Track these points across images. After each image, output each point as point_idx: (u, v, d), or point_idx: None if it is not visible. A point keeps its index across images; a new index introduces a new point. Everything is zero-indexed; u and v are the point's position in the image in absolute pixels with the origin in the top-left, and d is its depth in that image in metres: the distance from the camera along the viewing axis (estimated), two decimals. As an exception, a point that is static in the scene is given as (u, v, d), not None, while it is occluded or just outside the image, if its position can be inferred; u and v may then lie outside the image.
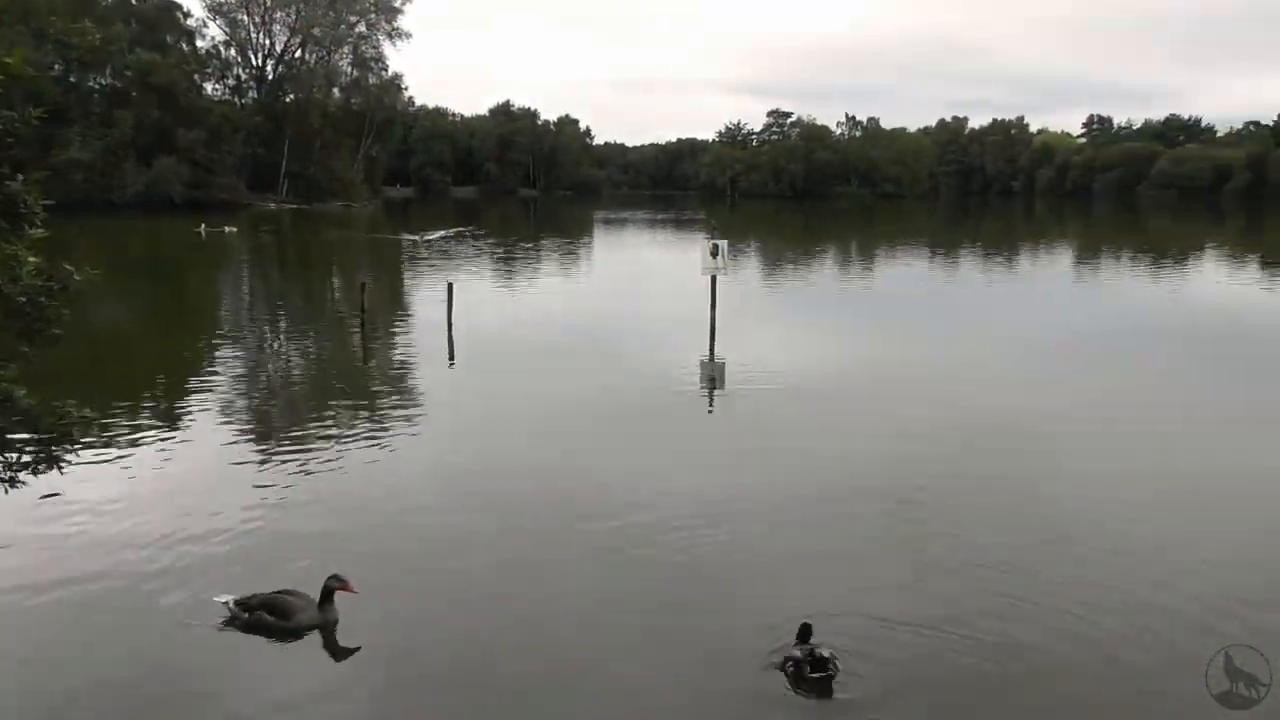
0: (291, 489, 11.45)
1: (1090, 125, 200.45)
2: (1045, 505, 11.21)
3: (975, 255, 53.02)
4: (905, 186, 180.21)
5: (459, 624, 8.27)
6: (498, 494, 11.45)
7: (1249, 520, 10.79)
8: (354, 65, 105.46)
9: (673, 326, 24.29)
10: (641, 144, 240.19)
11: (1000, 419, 15.40)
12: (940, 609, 8.39)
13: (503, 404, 16.15)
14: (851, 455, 13.24)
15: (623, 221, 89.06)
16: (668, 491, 11.36)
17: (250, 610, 8.02)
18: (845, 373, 19.10)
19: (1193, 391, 17.85)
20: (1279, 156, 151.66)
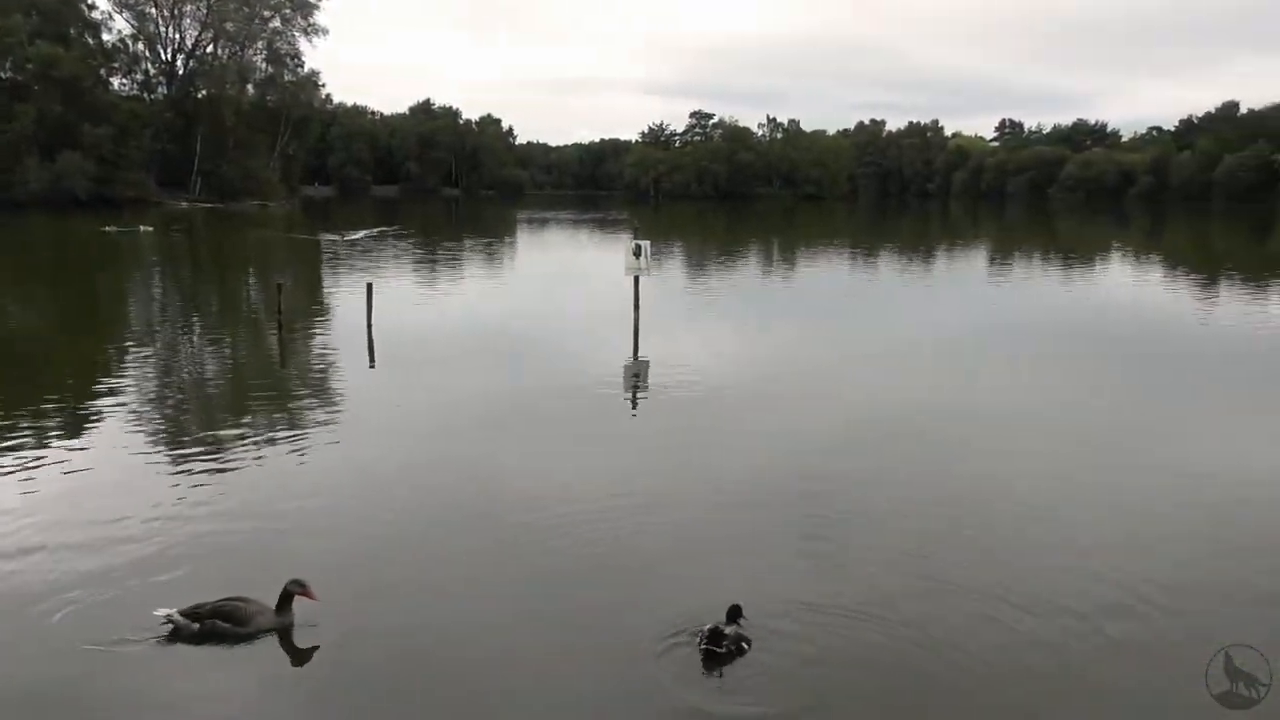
0: (208, 495, 11.16)
1: (1003, 129, 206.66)
2: (957, 497, 11.52)
3: (893, 255, 54.19)
4: (825, 188, 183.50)
5: (391, 624, 8.16)
6: (421, 495, 11.34)
7: (1149, 506, 11.26)
8: (269, 61, 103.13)
9: (596, 327, 24.33)
10: (565, 144, 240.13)
11: (917, 414, 15.78)
12: (857, 594, 8.67)
13: (424, 405, 16.00)
14: (774, 451, 13.42)
15: (546, 222, 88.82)
16: (592, 489, 11.40)
17: (201, 620, 7.78)
18: (767, 370, 19.37)
19: (1099, 387, 18.51)
20: (1180, 161, 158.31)
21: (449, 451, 13.29)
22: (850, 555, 9.76)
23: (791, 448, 13.62)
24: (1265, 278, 40.83)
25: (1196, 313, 29.78)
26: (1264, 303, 31.97)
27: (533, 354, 20.92)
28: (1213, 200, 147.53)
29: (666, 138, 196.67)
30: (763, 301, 32.29)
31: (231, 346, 22.69)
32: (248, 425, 14.55)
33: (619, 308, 24.71)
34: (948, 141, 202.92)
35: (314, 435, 13.88)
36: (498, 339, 22.80)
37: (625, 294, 24.55)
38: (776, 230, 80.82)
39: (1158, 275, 43.73)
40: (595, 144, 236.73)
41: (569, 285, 37.21)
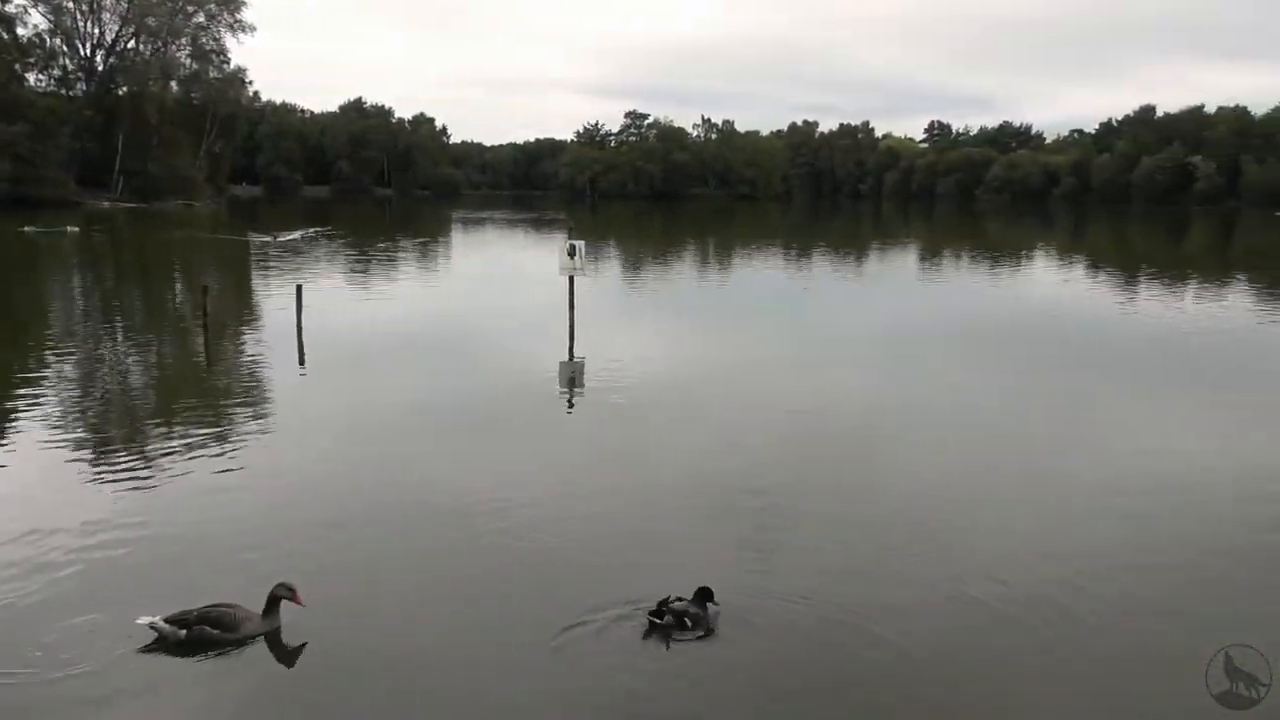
0: (135, 503, 10.83)
1: (932, 131, 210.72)
2: (893, 490, 11.74)
3: (827, 255, 54.91)
4: (760, 188, 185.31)
5: (336, 628, 8.05)
6: (355, 496, 11.15)
7: (1077, 493, 11.59)
8: (193, 58, 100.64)
9: (532, 327, 24.22)
10: (500, 144, 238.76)
11: (853, 410, 16.06)
12: (798, 582, 8.87)
13: (356, 407, 15.75)
14: (711, 448, 13.49)
15: (481, 221, 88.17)
16: (529, 488, 11.35)
17: (188, 626, 7.66)
18: (703, 369, 19.48)
19: (1028, 382, 18.99)
20: (1101, 162, 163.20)
21: (382, 453, 13.10)
22: (790, 545, 9.94)
23: (729, 445, 13.72)
24: (1182, 277, 42.35)
25: (1119, 311, 30.73)
26: (1181, 300, 33.14)
27: (467, 355, 20.75)
28: (1132, 201, 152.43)
29: (602, 138, 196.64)
30: (698, 301, 32.46)
31: (156, 351, 22.10)
32: (175, 431, 14.16)
33: (554, 308, 24.62)
34: (879, 143, 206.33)
35: (243, 439, 13.58)
36: (432, 340, 22.57)
37: (561, 294, 24.46)
38: (712, 230, 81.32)
39: (1082, 275, 45.04)
40: (530, 144, 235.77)
41: (504, 285, 36.98)
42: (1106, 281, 41.33)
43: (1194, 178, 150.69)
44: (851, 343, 23.80)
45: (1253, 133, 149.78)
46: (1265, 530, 10.55)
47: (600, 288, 32.91)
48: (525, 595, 8.64)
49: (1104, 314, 29.51)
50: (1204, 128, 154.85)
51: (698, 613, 7.84)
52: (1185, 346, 23.48)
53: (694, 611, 7.82)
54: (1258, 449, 13.90)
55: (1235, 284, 39.70)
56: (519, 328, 24.76)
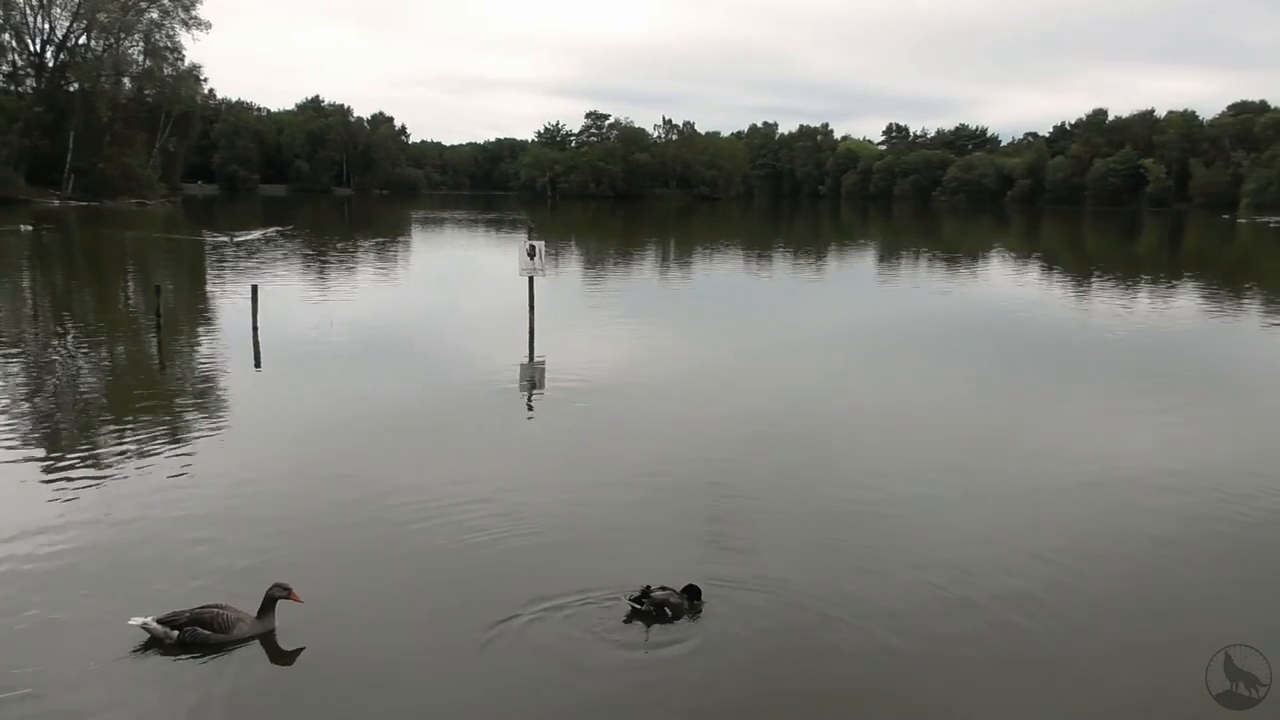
0: (88, 506, 10.67)
1: (890, 133, 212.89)
2: (852, 486, 11.87)
3: (787, 255, 55.29)
4: (720, 189, 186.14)
5: (296, 630, 7.99)
6: (311, 500, 11.06)
7: (1025, 493, 11.82)
8: (146, 54, 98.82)
9: (491, 328, 24.17)
10: (460, 144, 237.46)
11: (813, 409, 16.23)
12: (761, 576, 9.05)
13: (313, 409, 15.62)
14: (672, 448, 13.52)
15: (442, 222, 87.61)
16: (490, 490, 11.32)
17: (180, 628, 7.64)
18: (664, 370, 19.53)
19: (984, 380, 19.30)
20: (1054, 165, 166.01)
21: (339, 454, 13.01)
22: (752, 542, 10.08)
23: (690, 444, 13.77)
24: (1133, 277, 43.21)
25: (1073, 311, 31.29)
26: (1133, 300, 33.82)
27: (427, 356, 20.65)
28: (1084, 203, 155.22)
29: (563, 138, 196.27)
30: (659, 301, 32.54)
31: (109, 351, 21.69)
32: (127, 433, 13.94)
33: (515, 309, 24.57)
34: (838, 145, 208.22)
35: (197, 441, 13.44)
36: (391, 341, 22.42)
37: (521, 295, 24.42)
38: (673, 230, 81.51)
39: (1037, 275, 45.77)
40: (491, 144, 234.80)
41: (464, 286, 36.83)
42: (1061, 282, 42.06)
43: (1144, 180, 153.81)
44: (811, 342, 24.02)
45: (1200, 136, 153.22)
46: (1216, 523, 10.84)
47: (561, 289, 32.89)
48: (489, 589, 8.66)
49: (1058, 314, 30.04)
50: (1154, 131, 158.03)
51: (679, 603, 8.05)
52: (1137, 346, 23.95)
53: (675, 601, 8.02)
54: (1207, 447, 14.26)
55: (1185, 285, 40.57)
56: (479, 329, 24.70)
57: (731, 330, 26.30)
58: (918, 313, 30.51)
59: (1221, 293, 36.83)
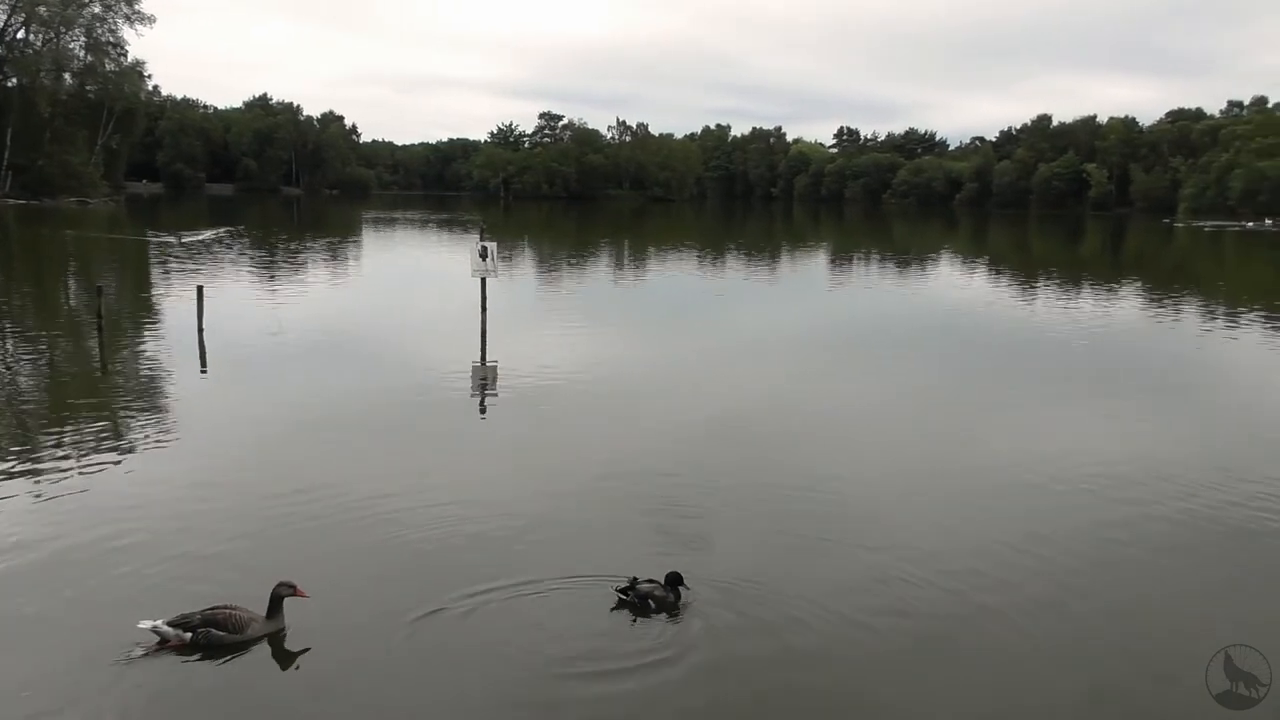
0: (28, 512, 10.40)
1: (841, 136, 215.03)
2: (801, 488, 11.94)
3: (740, 257, 55.58)
4: (674, 190, 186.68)
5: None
6: (258, 505, 10.87)
7: (974, 491, 12.03)
8: (88, 50, 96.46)
9: (443, 330, 24.00)
10: (411, 143, 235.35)
11: (766, 409, 16.33)
12: (719, 571, 9.14)
13: (261, 412, 15.38)
14: (625, 449, 13.57)
15: (393, 222, 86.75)
16: (441, 492, 11.25)
17: (193, 629, 7.66)
18: (617, 371, 19.54)
19: (933, 380, 19.56)
20: (1001, 169, 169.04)
21: (288, 458, 12.84)
22: (707, 539, 10.17)
23: (644, 447, 13.80)
24: (1078, 279, 44.12)
25: (1020, 312, 31.85)
26: (1078, 302, 34.53)
27: (377, 358, 20.43)
28: (1030, 207, 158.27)
29: (516, 138, 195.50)
30: (613, 303, 32.54)
31: (48, 354, 21.17)
32: (67, 437, 13.62)
33: (467, 310, 24.45)
34: (790, 147, 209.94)
35: (141, 445, 13.17)
36: (340, 342, 22.15)
37: (473, 296, 24.30)
38: (626, 232, 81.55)
39: (984, 277, 46.54)
40: (443, 143, 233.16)
41: (415, 287, 36.52)
42: (1009, 284, 42.79)
43: (1087, 184, 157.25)
44: (765, 343, 24.15)
45: (1140, 142, 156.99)
46: (1157, 520, 11.10)
47: (514, 290, 32.76)
48: (438, 584, 8.61)
49: (1007, 315, 30.55)
50: (1096, 137, 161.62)
51: (663, 596, 8.25)
52: (1083, 347, 24.41)
53: (659, 595, 8.23)
54: (1154, 444, 14.59)
55: (1127, 288, 41.52)
56: (430, 330, 24.51)
57: (685, 332, 26.39)
58: (869, 314, 30.88)
59: (1162, 295, 37.71)
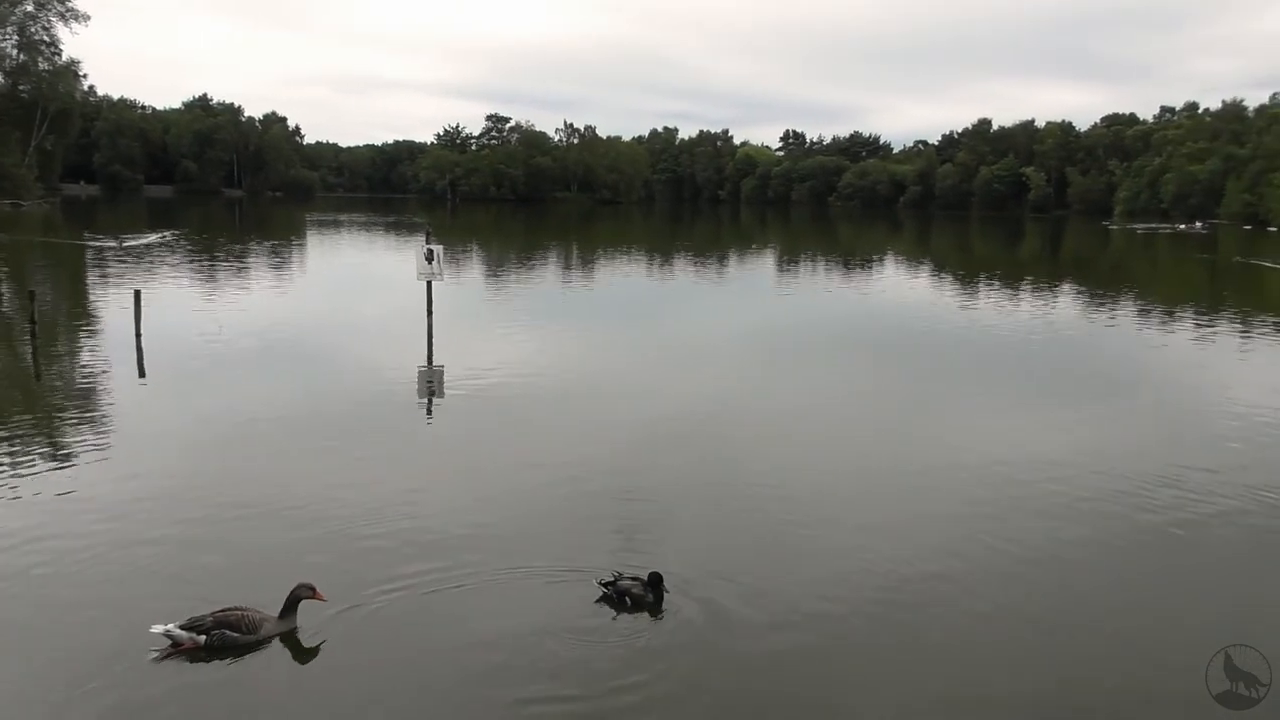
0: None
1: (787, 140, 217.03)
2: (749, 487, 12.08)
3: (689, 259, 55.80)
4: (622, 193, 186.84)
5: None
6: (201, 513, 10.68)
7: (927, 484, 12.25)
8: (21, 48, 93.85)
9: (389, 334, 23.78)
10: (356, 145, 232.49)
11: (714, 410, 16.41)
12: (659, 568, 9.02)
13: (201, 418, 15.07)
14: (574, 451, 13.55)
15: (338, 224, 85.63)
16: (388, 498, 11.16)
17: (207, 631, 7.74)
18: (565, 373, 19.51)
19: (879, 380, 19.85)
20: (943, 172, 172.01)
21: (230, 466, 12.61)
22: (657, 538, 10.21)
23: (593, 449, 13.81)
24: (1018, 280, 45.03)
25: (964, 312, 32.40)
26: (1017, 302, 35.25)
27: (321, 362, 20.19)
28: (972, 209, 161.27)
29: (463, 140, 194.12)
30: (561, 305, 32.48)
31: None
32: (2, 446, 13.26)
33: (413, 314, 24.26)
34: (737, 150, 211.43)
35: (76, 454, 12.85)
36: (284, 347, 21.83)
37: (419, 299, 24.13)
38: (575, 234, 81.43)
39: (928, 278, 47.29)
40: (389, 145, 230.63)
41: (361, 291, 36.11)
42: (952, 285, 43.51)
43: (1027, 187, 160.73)
44: (713, 345, 24.31)
45: (1076, 146, 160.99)
46: (1099, 518, 11.41)
47: (461, 293, 32.56)
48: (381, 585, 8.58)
49: (951, 316, 31.04)
50: (1034, 141, 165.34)
51: (640, 595, 8.45)
52: (1025, 346, 24.91)
53: (636, 593, 8.44)
54: (1098, 441, 14.95)
55: (1065, 288, 42.47)
56: (376, 334, 24.26)
57: (633, 334, 26.45)
58: (817, 316, 31.22)
59: (1099, 295, 38.65)
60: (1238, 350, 25.12)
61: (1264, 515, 11.54)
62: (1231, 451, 14.33)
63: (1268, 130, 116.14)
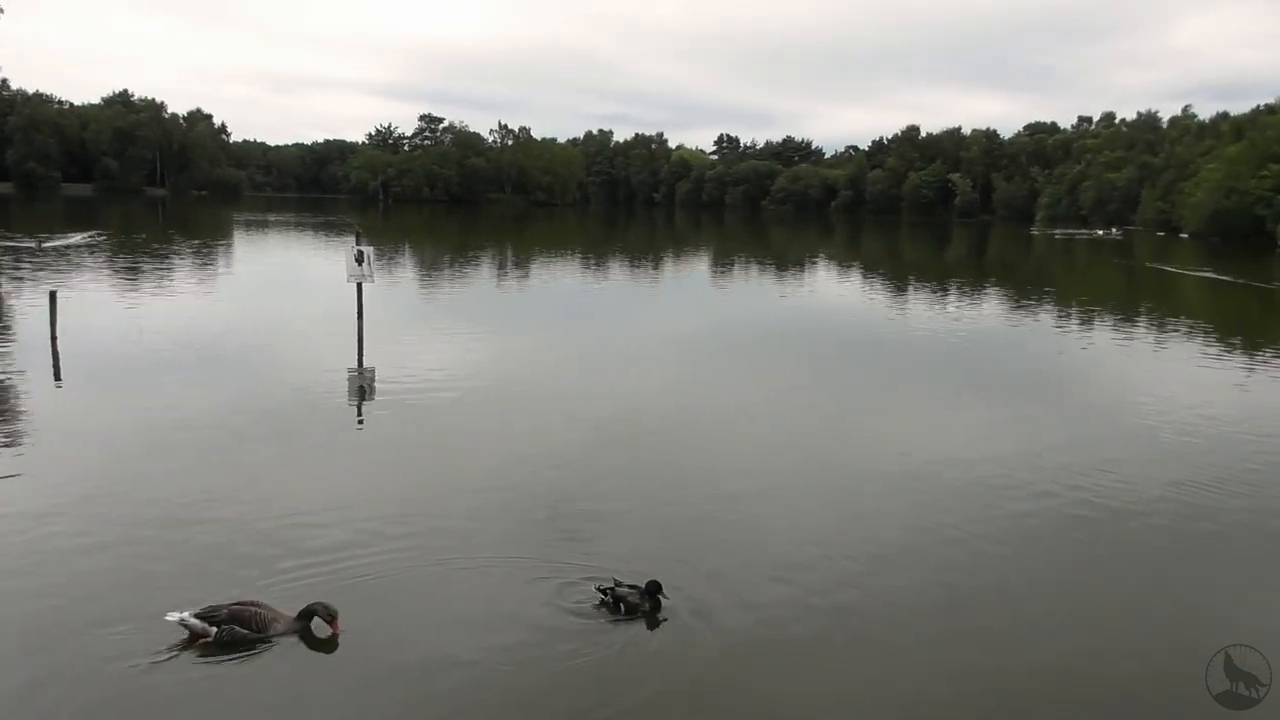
0: None
1: (721, 144, 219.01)
2: (685, 488, 12.13)
3: (624, 262, 55.89)
4: (557, 195, 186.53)
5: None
6: (114, 521, 10.37)
7: (856, 483, 12.45)
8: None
9: (319, 337, 23.38)
10: (285, 144, 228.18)
11: (647, 412, 16.46)
12: (599, 568, 9.09)
13: (121, 424, 14.64)
14: (504, 456, 13.46)
15: (266, 225, 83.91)
16: (318, 503, 10.98)
17: (219, 624, 7.83)
18: (499, 376, 19.39)
19: (810, 381, 20.12)
20: (874, 177, 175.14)
21: (149, 472, 12.27)
22: (594, 541, 10.24)
23: (529, 452, 13.72)
24: (945, 283, 46.04)
25: (895, 314, 33.04)
26: (945, 305, 36.03)
27: (248, 365, 19.75)
28: (901, 213, 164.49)
29: (395, 141, 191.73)
30: (495, 307, 32.27)
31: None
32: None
33: (343, 316, 23.90)
34: (671, 153, 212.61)
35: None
36: (209, 350, 21.29)
37: (350, 301, 23.78)
38: (509, 236, 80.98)
39: (860, 281, 48.08)
40: (319, 145, 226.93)
41: (289, 292, 35.42)
42: (883, 289, 44.32)
43: (954, 193, 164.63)
44: (648, 347, 24.39)
45: (1000, 153, 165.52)
46: (1018, 515, 11.73)
47: (394, 295, 32.18)
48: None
49: (881, 318, 31.63)
50: (961, 148, 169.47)
51: (635, 603, 8.50)
52: (955, 348, 25.49)
53: (632, 601, 8.50)
54: (1027, 439, 15.36)
55: (990, 291, 43.54)
56: (304, 337, 23.82)
57: (568, 337, 26.39)
58: (750, 318, 31.51)
59: (1024, 298, 39.69)
60: (1151, 352, 25.99)
61: (1186, 505, 12.01)
62: (1154, 446, 14.96)
63: (1179, 141, 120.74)
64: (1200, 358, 24.63)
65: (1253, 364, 24.03)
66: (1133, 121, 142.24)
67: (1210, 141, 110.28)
